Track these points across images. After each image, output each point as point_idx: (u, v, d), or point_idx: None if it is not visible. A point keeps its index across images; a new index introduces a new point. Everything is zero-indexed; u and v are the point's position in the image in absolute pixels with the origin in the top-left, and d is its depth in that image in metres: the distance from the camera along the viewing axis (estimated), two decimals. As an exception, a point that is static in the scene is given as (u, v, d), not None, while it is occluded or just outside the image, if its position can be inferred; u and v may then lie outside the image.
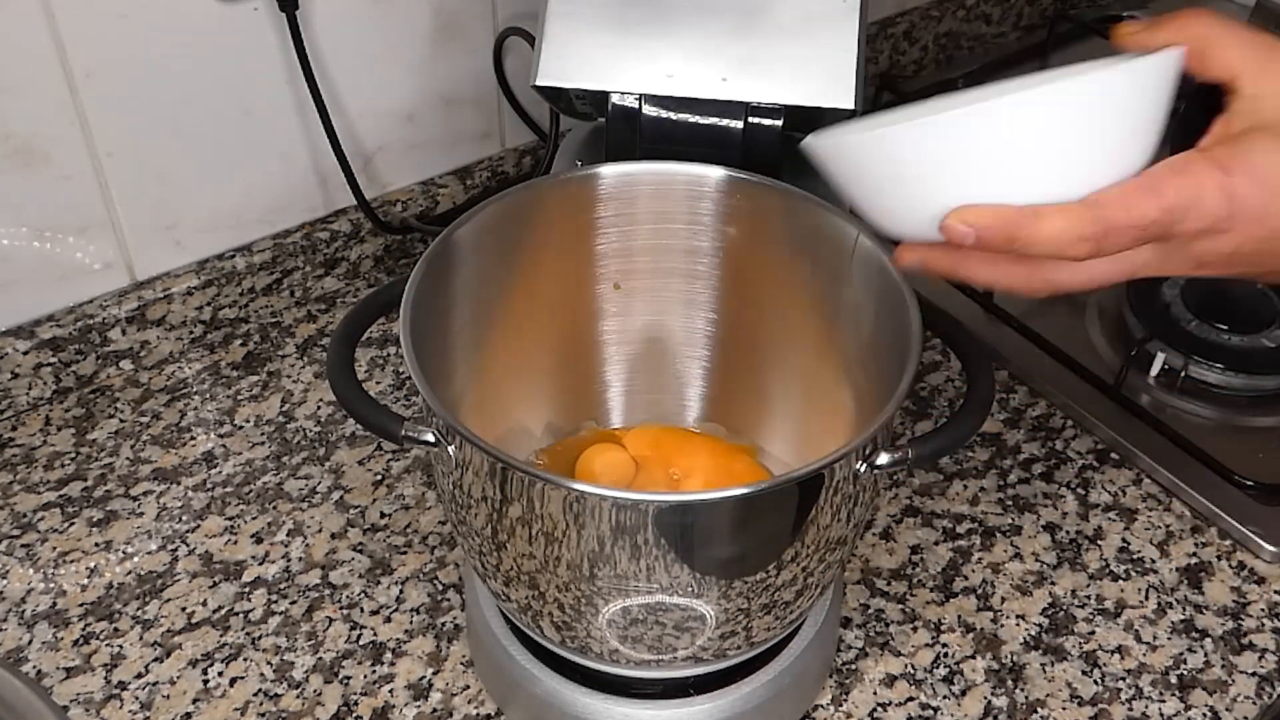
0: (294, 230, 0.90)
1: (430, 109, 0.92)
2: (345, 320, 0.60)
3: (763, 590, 0.56)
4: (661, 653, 0.58)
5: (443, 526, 0.76)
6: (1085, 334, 0.91)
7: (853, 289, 0.64)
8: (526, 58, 0.88)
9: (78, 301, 0.83)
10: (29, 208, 0.78)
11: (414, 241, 0.96)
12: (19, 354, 0.81)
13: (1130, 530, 0.77)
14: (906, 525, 0.77)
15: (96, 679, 0.67)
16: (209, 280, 0.87)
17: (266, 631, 0.70)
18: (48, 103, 0.75)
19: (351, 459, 0.80)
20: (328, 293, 0.93)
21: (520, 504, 0.52)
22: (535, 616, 0.59)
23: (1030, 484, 0.80)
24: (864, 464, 0.53)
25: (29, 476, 0.79)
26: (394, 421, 0.54)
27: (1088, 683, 0.68)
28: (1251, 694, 0.67)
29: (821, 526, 0.55)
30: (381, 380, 0.87)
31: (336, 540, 0.75)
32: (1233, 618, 0.71)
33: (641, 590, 0.54)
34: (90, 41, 0.75)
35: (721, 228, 0.67)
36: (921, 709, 0.66)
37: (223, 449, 0.81)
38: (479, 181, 0.98)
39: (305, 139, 0.87)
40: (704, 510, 0.52)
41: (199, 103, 0.81)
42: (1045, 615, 0.71)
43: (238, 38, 0.80)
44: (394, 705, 0.66)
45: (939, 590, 0.73)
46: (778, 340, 0.70)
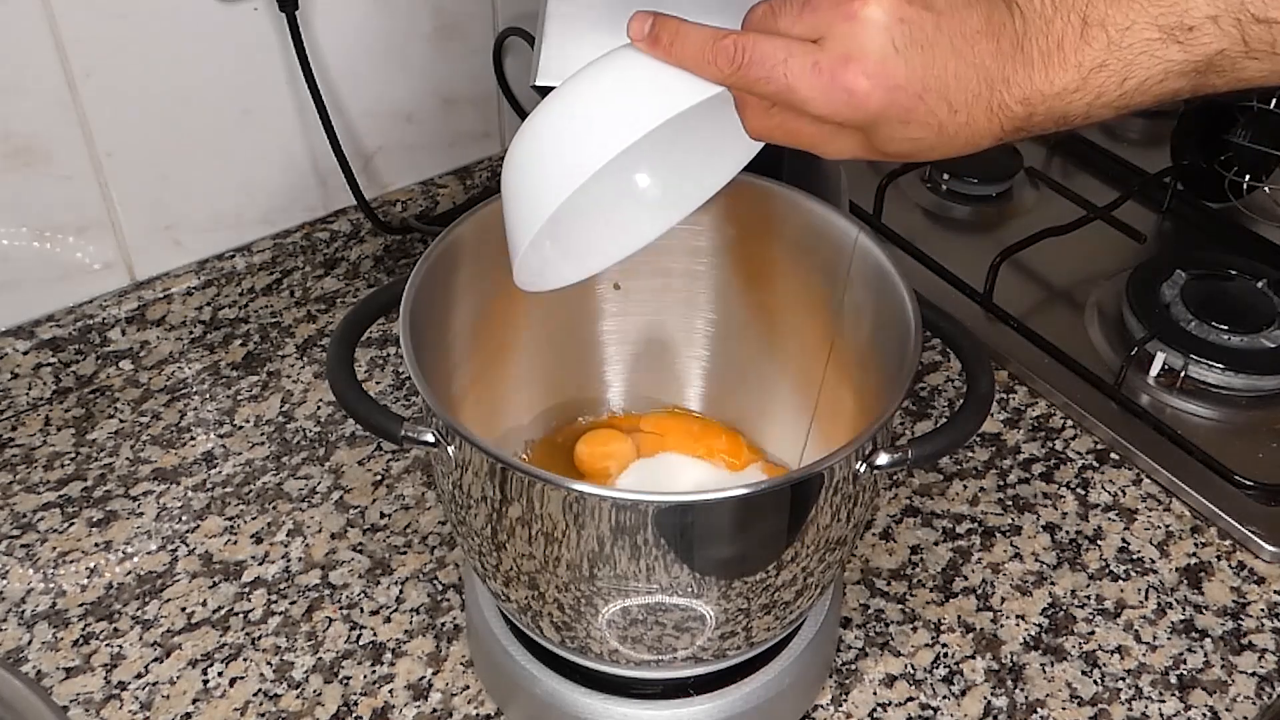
0: (294, 230, 0.90)
1: (430, 109, 0.92)
2: (345, 320, 0.60)
3: (762, 590, 0.56)
4: (661, 653, 0.58)
5: (443, 526, 0.76)
6: (1085, 334, 0.91)
7: (853, 289, 0.64)
8: (526, 58, 0.88)
9: (78, 301, 0.83)
10: (29, 208, 0.78)
11: (414, 241, 0.96)
12: (19, 354, 0.81)
13: (1130, 530, 0.77)
14: (906, 525, 0.77)
15: (96, 679, 0.67)
16: (209, 280, 0.87)
17: (266, 631, 0.70)
18: (48, 103, 0.75)
19: (351, 459, 0.80)
20: (328, 293, 0.93)
21: (520, 504, 0.52)
22: (535, 617, 0.59)
23: (1030, 484, 0.80)
24: (864, 464, 0.53)
25: (29, 476, 0.79)
26: (394, 421, 0.54)
27: (1088, 683, 0.68)
28: (1251, 694, 0.67)
29: (821, 526, 0.55)
30: (381, 380, 0.87)
31: (336, 540, 0.75)
32: (1232, 618, 0.71)
33: (641, 590, 0.54)
34: (90, 41, 0.75)
35: (721, 228, 0.67)
36: (921, 709, 0.66)
37: (222, 449, 0.81)
38: (479, 181, 0.98)
39: (305, 139, 0.87)
40: (704, 510, 0.52)
41: (199, 103, 0.81)
42: (1045, 615, 0.71)
43: (238, 38, 0.80)
44: (394, 705, 0.66)
45: (939, 590, 0.73)
46: (777, 340, 0.70)
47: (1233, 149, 0.99)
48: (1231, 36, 0.43)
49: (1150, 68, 0.44)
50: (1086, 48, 0.44)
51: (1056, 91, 0.45)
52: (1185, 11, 0.43)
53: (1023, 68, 0.45)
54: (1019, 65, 0.45)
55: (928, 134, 0.46)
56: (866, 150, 0.48)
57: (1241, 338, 0.87)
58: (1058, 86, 0.45)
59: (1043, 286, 0.96)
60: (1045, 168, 1.09)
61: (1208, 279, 0.92)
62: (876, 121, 0.46)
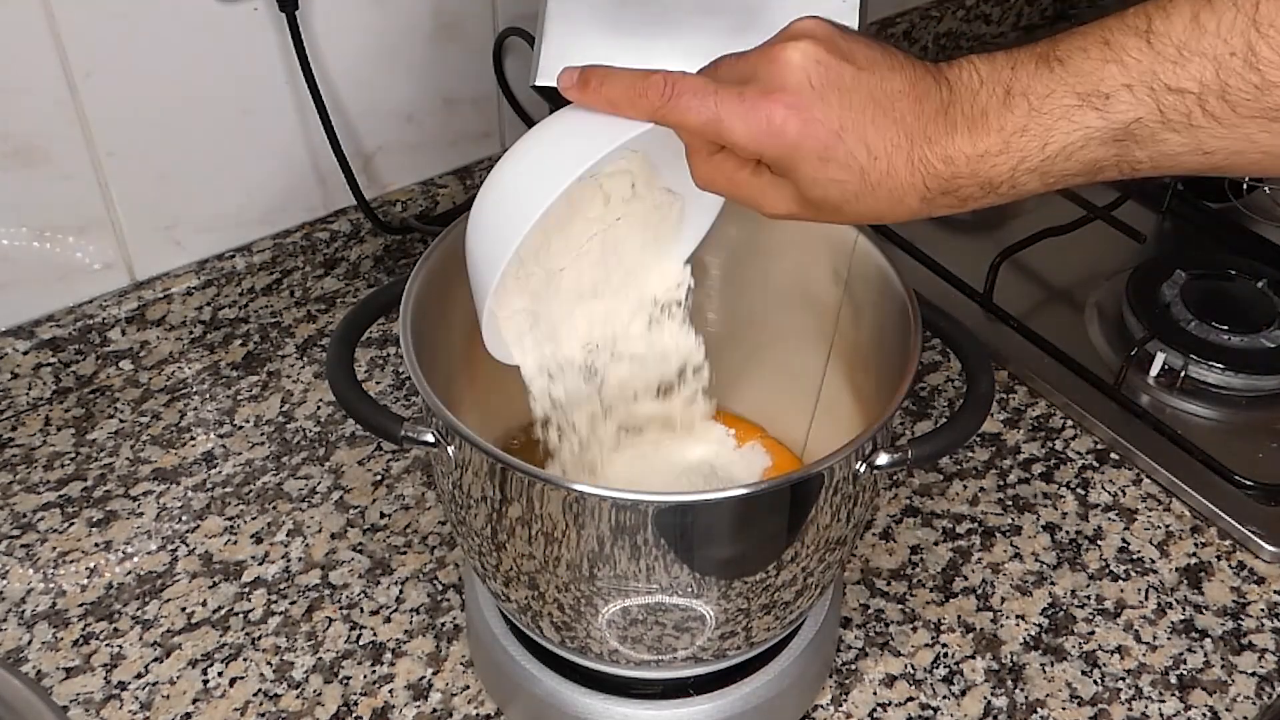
0: (294, 230, 0.90)
1: (430, 109, 0.92)
2: (345, 321, 0.60)
3: (762, 590, 0.56)
4: (661, 653, 0.58)
5: (443, 526, 0.76)
6: (1085, 334, 0.91)
7: (853, 289, 0.64)
8: (526, 58, 0.88)
9: (78, 301, 0.83)
10: (29, 208, 0.78)
11: (414, 241, 0.96)
12: (19, 354, 0.81)
13: (1130, 530, 0.77)
14: (906, 525, 0.77)
15: (96, 679, 0.67)
16: (209, 280, 0.87)
17: (266, 631, 0.70)
18: (48, 103, 0.75)
19: (351, 459, 0.80)
20: (328, 293, 0.93)
21: (520, 504, 0.52)
22: (535, 617, 0.59)
23: (1030, 484, 0.80)
24: (864, 464, 0.53)
25: (29, 476, 0.79)
26: (394, 421, 0.54)
27: (1088, 683, 0.68)
28: (1251, 694, 0.67)
29: (821, 526, 0.55)
30: (381, 380, 0.87)
31: (336, 540, 0.75)
32: (1232, 618, 0.71)
33: (641, 590, 0.54)
34: (90, 41, 0.75)
35: (722, 228, 0.67)
36: (921, 709, 0.66)
37: (222, 449, 0.81)
38: (479, 181, 0.97)
39: (305, 139, 0.87)
40: (704, 510, 0.52)
41: (199, 103, 0.81)
42: (1045, 615, 0.71)
43: (238, 38, 0.80)
44: (394, 705, 0.66)
45: (939, 590, 0.73)
46: (778, 340, 0.70)
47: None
48: (1147, 105, 0.45)
49: (1070, 132, 0.46)
50: (1009, 114, 0.46)
51: (980, 153, 0.47)
52: (1100, 80, 0.45)
53: (945, 130, 0.47)
54: (942, 128, 0.47)
55: (850, 177, 0.48)
56: (798, 202, 0.50)
57: (1241, 338, 0.87)
58: (980, 149, 0.47)
59: (1043, 286, 0.96)
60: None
61: (1208, 279, 0.92)
62: (796, 157, 0.48)
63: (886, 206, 0.48)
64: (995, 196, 0.48)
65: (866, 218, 0.50)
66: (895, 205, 0.48)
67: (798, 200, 0.50)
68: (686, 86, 0.49)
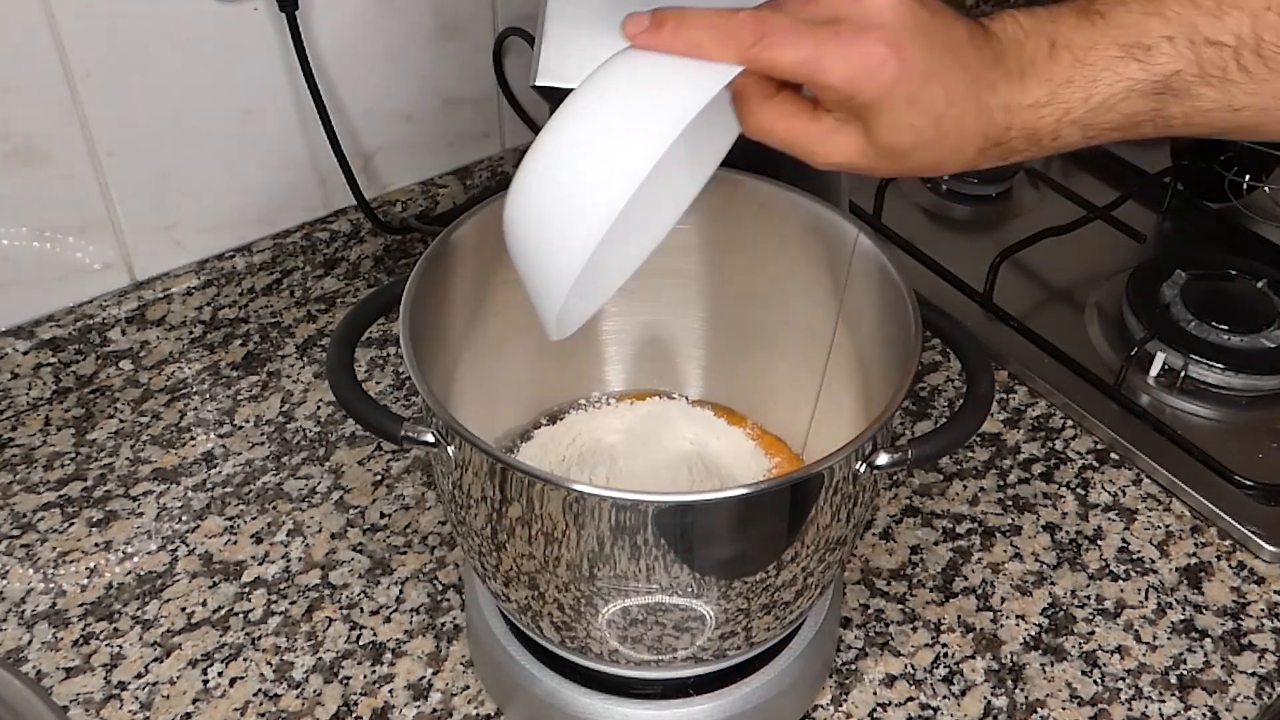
0: (294, 230, 0.90)
1: (430, 109, 0.92)
2: (345, 321, 0.60)
3: (762, 590, 0.56)
4: (661, 653, 0.58)
5: (443, 526, 0.76)
6: (1085, 334, 0.91)
7: (853, 289, 0.64)
8: (526, 58, 0.88)
9: (78, 301, 0.83)
10: (29, 208, 0.78)
11: (414, 241, 0.96)
12: (19, 354, 0.81)
13: (1130, 530, 0.77)
14: (906, 525, 0.77)
15: (96, 679, 0.67)
16: (209, 280, 0.87)
17: (266, 631, 0.70)
18: (48, 103, 0.75)
19: (351, 459, 0.80)
20: (328, 293, 0.93)
21: (520, 504, 0.52)
22: (535, 617, 0.59)
23: (1030, 484, 0.80)
24: (863, 464, 0.53)
25: (29, 476, 0.79)
26: (394, 421, 0.54)
27: (1087, 683, 0.68)
28: (1251, 694, 0.67)
29: (821, 526, 0.55)
30: (381, 380, 0.87)
31: (336, 540, 0.75)
32: (1232, 618, 0.71)
33: (641, 590, 0.54)
34: (90, 41, 0.75)
35: (722, 228, 0.67)
36: (921, 709, 0.66)
37: (222, 449, 0.81)
38: (479, 181, 0.98)
39: (305, 139, 0.87)
40: (704, 510, 0.52)
41: (199, 103, 0.81)
42: (1045, 615, 0.71)
43: (238, 38, 0.80)
44: (394, 705, 0.66)
45: (939, 590, 0.73)
46: (777, 340, 0.70)
47: (1233, 149, 0.99)
48: (1186, 58, 0.46)
49: (1113, 84, 0.47)
50: (1055, 65, 0.47)
51: (1030, 103, 0.47)
52: (1143, 31, 0.46)
53: (1004, 78, 0.47)
54: (1001, 76, 0.47)
55: (927, 124, 0.47)
56: (861, 147, 0.48)
57: (1241, 338, 0.87)
58: (1031, 98, 0.47)
59: (1043, 286, 0.96)
60: (1045, 168, 1.09)
61: (1208, 279, 0.92)
62: (884, 100, 0.46)
63: (949, 155, 0.48)
64: (1037, 149, 0.49)
65: (925, 168, 0.49)
66: (955, 155, 0.48)
67: (860, 147, 0.48)
68: (778, 25, 0.45)
